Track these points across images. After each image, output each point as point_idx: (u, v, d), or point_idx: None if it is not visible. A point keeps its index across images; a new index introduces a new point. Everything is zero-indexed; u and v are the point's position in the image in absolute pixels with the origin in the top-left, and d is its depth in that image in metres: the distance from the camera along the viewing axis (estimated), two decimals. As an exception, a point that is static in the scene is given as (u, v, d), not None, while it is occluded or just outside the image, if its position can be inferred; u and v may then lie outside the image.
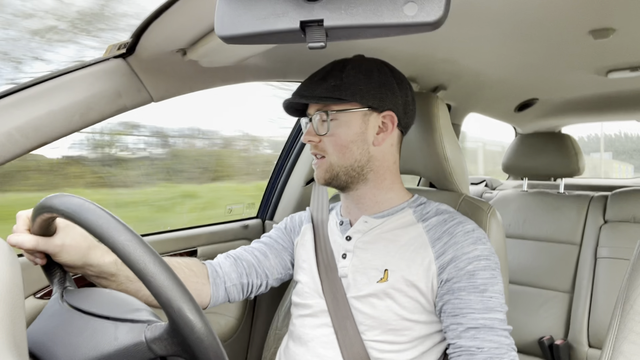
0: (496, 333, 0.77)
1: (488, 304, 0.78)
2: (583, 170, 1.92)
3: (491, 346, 0.75)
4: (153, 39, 0.80)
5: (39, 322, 0.62)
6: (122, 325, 0.55)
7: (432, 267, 0.83)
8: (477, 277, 0.80)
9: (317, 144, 0.90)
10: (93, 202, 0.54)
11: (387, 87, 0.89)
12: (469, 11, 0.88)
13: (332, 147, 0.89)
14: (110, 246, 0.50)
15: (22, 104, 0.75)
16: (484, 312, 0.78)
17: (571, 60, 1.25)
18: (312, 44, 0.40)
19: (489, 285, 0.80)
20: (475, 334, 0.77)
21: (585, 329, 1.60)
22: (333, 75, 0.88)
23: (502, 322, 0.78)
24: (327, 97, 0.86)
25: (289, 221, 1.09)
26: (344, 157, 0.89)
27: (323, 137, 0.89)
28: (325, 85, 0.87)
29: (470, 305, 0.79)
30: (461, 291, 0.80)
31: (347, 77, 0.87)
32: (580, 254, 1.74)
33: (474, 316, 0.78)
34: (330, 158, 0.90)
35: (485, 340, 0.76)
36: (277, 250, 1.03)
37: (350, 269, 0.90)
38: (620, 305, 0.62)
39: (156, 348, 0.53)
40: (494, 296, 0.79)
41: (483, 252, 0.82)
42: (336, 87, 0.86)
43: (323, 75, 0.89)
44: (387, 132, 0.91)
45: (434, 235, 0.86)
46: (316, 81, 0.89)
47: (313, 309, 0.92)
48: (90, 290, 0.67)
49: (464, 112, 1.88)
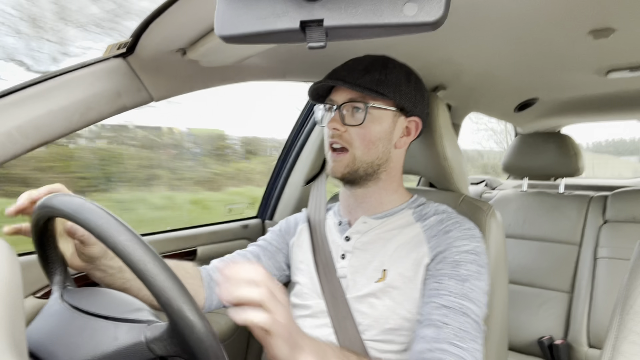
0: (467, 320, 0.75)
1: (467, 293, 0.77)
2: (583, 171, 1.92)
3: (458, 326, 0.74)
4: (153, 38, 0.80)
5: (39, 321, 0.62)
6: (122, 325, 0.55)
7: (424, 260, 0.84)
8: (462, 268, 0.80)
9: (342, 133, 0.88)
10: (93, 202, 0.54)
11: (420, 93, 0.92)
12: (469, 11, 0.87)
13: (360, 140, 0.88)
14: (111, 246, 0.50)
15: (22, 103, 0.75)
16: (461, 298, 0.77)
17: (571, 60, 1.25)
18: (312, 44, 0.40)
19: (472, 278, 0.79)
20: (447, 312, 0.76)
21: (585, 329, 1.60)
22: (377, 69, 0.87)
23: (477, 315, 0.76)
24: (370, 89, 0.86)
25: (284, 223, 1.09)
26: (368, 152, 0.88)
27: (350, 127, 0.88)
28: (369, 77, 0.86)
29: (448, 288, 0.78)
30: (443, 276, 0.80)
31: (390, 75, 0.87)
32: (580, 254, 1.74)
33: (449, 298, 0.77)
34: (355, 151, 0.88)
35: (454, 320, 0.74)
36: (270, 253, 1.03)
37: (349, 270, 0.90)
38: (620, 305, 0.62)
39: (156, 348, 0.53)
40: (474, 289, 0.78)
41: (474, 249, 0.82)
42: (380, 82, 0.86)
43: (366, 66, 0.88)
44: (409, 137, 0.93)
45: (430, 233, 0.87)
46: (359, 70, 0.87)
47: (312, 309, 0.92)
48: (90, 290, 0.67)
49: (464, 112, 1.88)
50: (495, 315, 0.96)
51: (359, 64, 0.89)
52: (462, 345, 0.72)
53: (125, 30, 1.97)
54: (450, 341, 0.72)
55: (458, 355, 0.71)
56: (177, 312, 0.48)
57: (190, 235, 1.35)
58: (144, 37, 0.80)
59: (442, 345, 0.72)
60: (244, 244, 1.52)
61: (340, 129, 0.88)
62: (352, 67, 0.89)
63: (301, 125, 1.58)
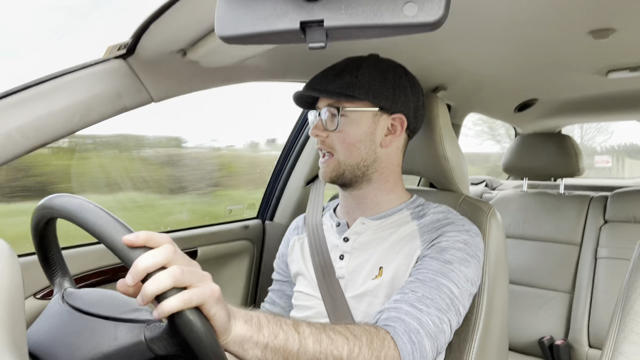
0: (438, 293, 0.73)
1: (446, 272, 0.76)
2: (583, 171, 1.92)
3: (425, 294, 0.73)
4: (153, 39, 0.80)
5: (39, 322, 0.62)
6: (122, 325, 0.56)
7: (416, 253, 0.84)
8: (447, 253, 0.79)
9: (324, 139, 0.90)
10: (93, 202, 0.54)
11: (400, 90, 0.90)
12: (469, 12, 0.87)
13: (340, 144, 0.89)
14: (110, 247, 0.50)
15: (22, 104, 0.75)
16: (437, 275, 0.76)
17: (571, 61, 1.25)
18: (312, 45, 0.40)
19: (456, 262, 0.78)
20: (419, 285, 0.75)
21: (586, 329, 1.60)
22: (348, 72, 0.87)
23: (452, 295, 0.74)
24: (340, 93, 0.86)
25: (282, 247, 1.11)
26: (351, 155, 0.89)
27: (331, 132, 0.89)
28: (339, 81, 0.87)
29: (427, 266, 0.78)
30: (426, 257, 0.80)
31: (362, 76, 0.87)
32: (581, 254, 1.74)
33: (425, 273, 0.77)
34: (338, 155, 0.89)
35: (422, 290, 0.73)
36: (286, 284, 1.07)
37: (348, 270, 0.90)
38: (621, 305, 0.62)
39: (156, 348, 0.53)
40: (456, 271, 0.77)
41: (465, 240, 0.82)
42: (350, 84, 0.86)
43: (338, 71, 0.88)
44: (395, 135, 0.92)
45: (425, 229, 0.87)
46: (331, 76, 0.88)
47: (312, 310, 0.92)
48: (90, 291, 0.67)
49: (464, 112, 1.88)
50: (495, 315, 0.96)
51: (333, 69, 0.90)
52: (421, 308, 0.70)
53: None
54: (411, 302, 0.71)
55: (414, 315, 0.69)
56: (177, 313, 0.48)
57: (190, 236, 1.35)
58: (144, 37, 0.80)
59: (399, 305, 0.71)
60: (244, 244, 1.52)
61: (322, 134, 0.90)
62: (325, 73, 0.90)
63: (301, 126, 1.58)
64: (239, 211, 1.65)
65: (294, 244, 1.04)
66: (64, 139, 0.81)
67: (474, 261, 0.81)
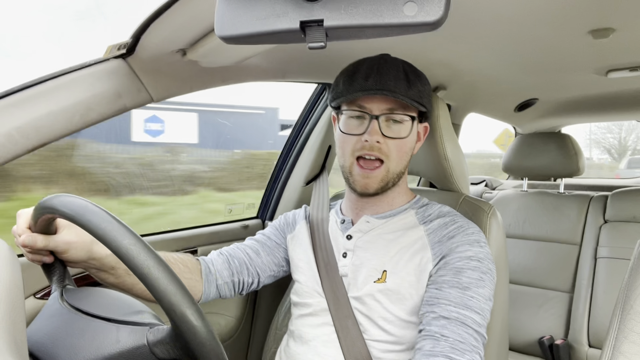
0: (467, 330, 0.74)
1: (467, 302, 0.76)
2: (583, 171, 1.92)
3: (456, 338, 0.73)
4: (153, 39, 0.80)
5: (39, 321, 0.62)
6: (124, 328, 0.55)
7: (428, 266, 0.83)
8: (463, 275, 0.79)
9: (380, 145, 0.85)
10: (96, 204, 0.54)
11: (430, 99, 0.92)
12: (469, 11, 0.87)
13: (397, 152, 0.86)
14: (113, 249, 0.50)
15: (22, 104, 0.75)
16: (460, 307, 0.76)
17: (571, 60, 1.25)
18: (312, 44, 0.40)
19: (474, 286, 0.78)
20: (445, 324, 0.74)
21: (586, 329, 1.60)
22: (413, 79, 0.85)
23: (478, 325, 0.75)
24: (418, 102, 0.85)
25: (283, 218, 1.09)
26: (400, 163, 0.88)
27: (388, 139, 0.85)
28: (414, 89, 0.84)
29: (448, 297, 0.77)
30: (443, 284, 0.79)
31: (423, 86, 0.87)
32: (581, 253, 1.74)
33: (449, 307, 0.76)
34: (390, 163, 0.86)
35: (453, 332, 0.73)
36: (269, 248, 1.03)
37: (351, 268, 0.90)
38: (621, 305, 0.62)
39: (158, 351, 0.53)
40: (475, 297, 0.77)
41: (477, 254, 0.81)
42: (421, 93, 0.86)
43: (404, 76, 0.84)
44: (420, 142, 0.95)
45: (434, 239, 0.86)
46: (403, 81, 0.84)
47: (314, 307, 0.92)
48: (90, 290, 0.67)
49: (464, 112, 1.88)
50: (495, 315, 0.96)
51: (398, 71, 0.84)
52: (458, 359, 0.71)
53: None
54: (447, 354, 0.71)
55: None
56: (180, 317, 0.48)
57: (190, 236, 1.35)
58: (144, 37, 0.80)
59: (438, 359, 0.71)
60: (244, 244, 1.52)
61: (381, 140, 0.84)
62: (395, 76, 0.83)
63: (301, 126, 1.57)
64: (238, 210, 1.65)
65: (301, 228, 1.03)
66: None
67: (488, 278, 0.80)
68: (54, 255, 0.72)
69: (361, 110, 0.85)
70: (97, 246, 0.75)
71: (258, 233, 1.08)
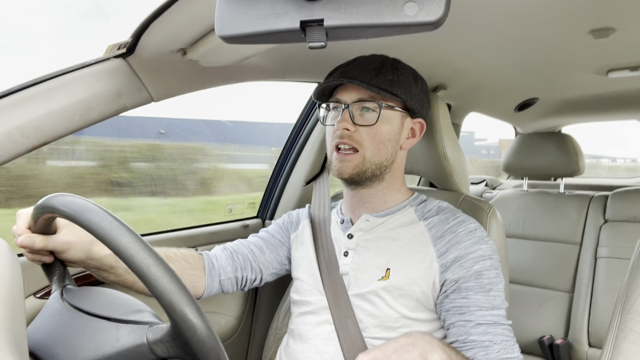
0: (503, 327, 0.80)
1: (493, 303, 0.81)
2: (583, 170, 1.92)
3: (502, 339, 0.79)
4: (153, 38, 0.80)
5: (39, 321, 0.62)
6: (124, 327, 0.55)
7: (434, 265, 0.84)
8: (484, 277, 0.82)
9: (352, 134, 0.87)
10: (95, 204, 0.54)
11: (425, 96, 0.94)
12: (469, 11, 0.87)
13: (370, 140, 0.87)
14: (113, 248, 0.50)
15: (22, 103, 0.75)
16: (491, 310, 0.80)
17: (571, 60, 1.25)
18: (312, 44, 0.40)
19: (494, 284, 0.82)
20: (486, 329, 0.79)
21: (586, 329, 1.60)
22: (388, 69, 0.87)
23: (505, 318, 0.82)
24: (384, 90, 0.85)
25: (287, 217, 1.10)
26: (378, 153, 0.88)
27: (360, 127, 0.87)
28: (383, 77, 0.86)
29: (477, 304, 0.81)
30: (469, 291, 0.81)
31: (401, 76, 0.88)
32: (581, 253, 1.74)
33: (482, 313, 0.80)
34: (365, 152, 0.88)
35: (496, 335, 0.79)
36: (273, 245, 1.04)
37: (352, 267, 0.90)
38: (621, 305, 0.62)
39: (158, 350, 0.53)
40: (497, 295, 0.82)
41: (486, 252, 0.84)
42: (393, 82, 0.86)
43: (376, 66, 0.87)
44: (415, 138, 0.95)
45: (435, 234, 0.87)
46: (371, 70, 0.87)
47: (314, 305, 0.92)
48: (90, 290, 0.67)
49: (464, 112, 1.88)
50: (495, 315, 0.96)
51: (369, 63, 0.88)
52: (511, 357, 0.78)
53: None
54: (502, 357, 0.77)
55: None
56: (180, 315, 0.48)
57: (190, 235, 1.35)
58: (144, 37, 0.80)
59: None
60: (244, 244, 1.52)
61: (351, 128, 0.87)
62: (364, 66, 0.87)
63: (301, 125, 1.58)
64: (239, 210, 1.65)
65: (303, 227, 1.03)
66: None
67: (499, 270, 0.85)
68: (53, 255, 0.72)
69: (336, 101, 0.91)
70: (97, 246, 0.75)
71: (262, 230, 1.08)
